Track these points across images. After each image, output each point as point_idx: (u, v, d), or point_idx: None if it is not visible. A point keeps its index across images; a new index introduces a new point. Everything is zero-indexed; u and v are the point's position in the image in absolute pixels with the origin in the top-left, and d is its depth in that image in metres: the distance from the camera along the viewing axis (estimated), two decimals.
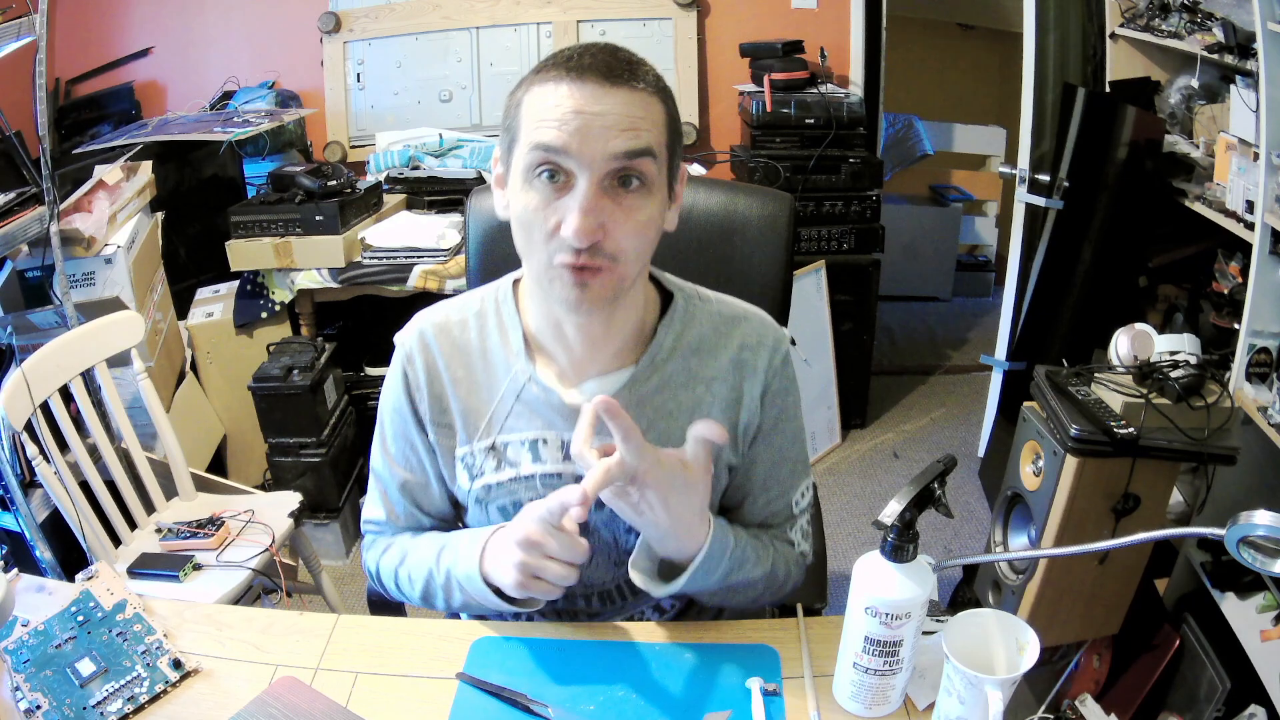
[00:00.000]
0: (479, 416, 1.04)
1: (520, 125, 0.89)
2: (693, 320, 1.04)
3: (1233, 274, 2.09)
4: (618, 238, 0.88)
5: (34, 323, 2.16)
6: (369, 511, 1.14)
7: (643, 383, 1.01)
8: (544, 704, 0.91)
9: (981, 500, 2.79)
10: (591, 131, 0.85)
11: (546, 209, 0.88)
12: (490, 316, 1.05)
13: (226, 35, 3.21)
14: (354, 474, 2.66)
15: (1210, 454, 1.52)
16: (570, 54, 0.88)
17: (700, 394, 1.02)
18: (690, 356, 1.03)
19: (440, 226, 2.64)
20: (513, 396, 1.02)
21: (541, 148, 0.86)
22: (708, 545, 0.94)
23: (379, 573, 1.12)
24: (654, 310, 1.04)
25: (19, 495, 1.77)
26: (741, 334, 1.04)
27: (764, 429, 1.05)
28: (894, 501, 0.84)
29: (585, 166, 0.86)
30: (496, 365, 1.03)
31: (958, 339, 4.06)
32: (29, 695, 0.92)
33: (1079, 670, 1.82)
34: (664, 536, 0.95)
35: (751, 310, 1.08)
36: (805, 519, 1.12)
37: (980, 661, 0.81)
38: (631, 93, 0.86)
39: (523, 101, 0.89)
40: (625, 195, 0.88)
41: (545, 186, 0.87)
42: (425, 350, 1.05)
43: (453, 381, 1.04)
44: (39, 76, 2.08)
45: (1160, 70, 2.50)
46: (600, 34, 3.20)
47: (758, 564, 1.02)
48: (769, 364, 1.04)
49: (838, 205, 2.92)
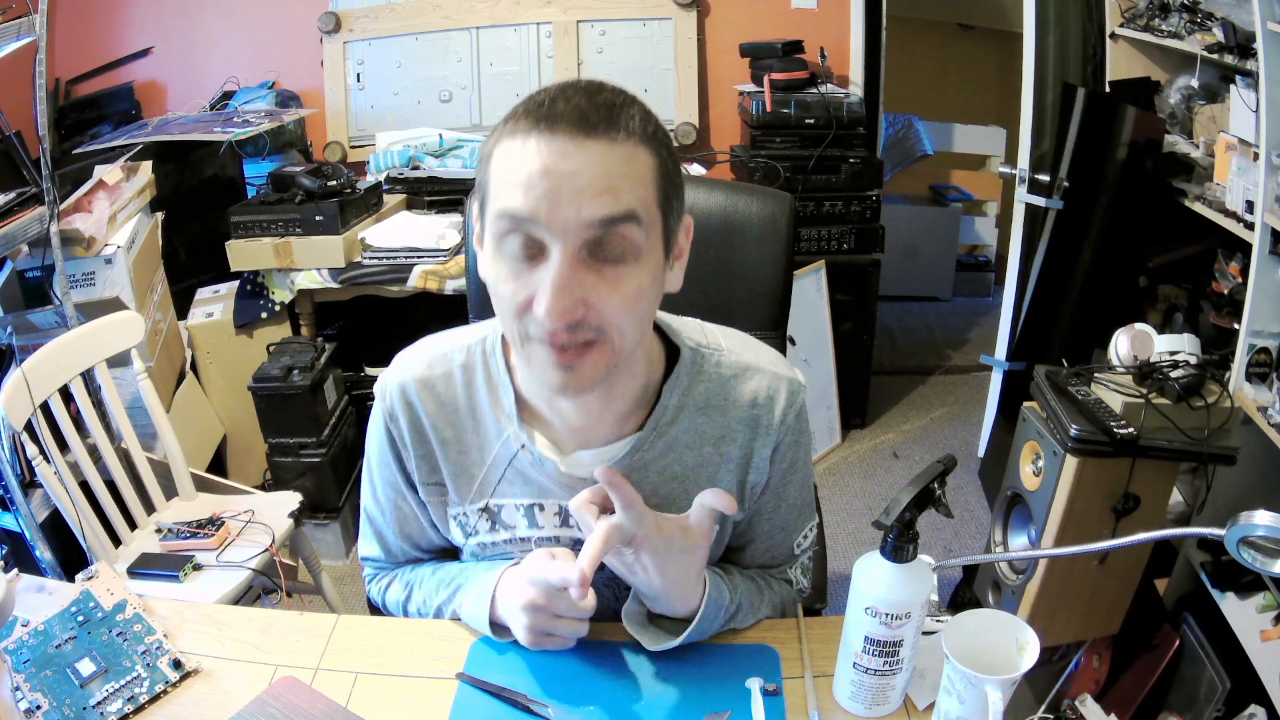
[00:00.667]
0: (470, 479, 0.98)
1: (489, 185, 0.78)
2: (700, 375, 0.95)
3: (1233, 274, 2.09)
4: (604, 312, 0.77)
5: (34, 323, 2.16)
6: (365, 549, 1.11)
7: (646, 450, 0.94)
8: (544, 704, 0.91)
9: (981, 500, 2.79)
10: (562, 196, 0.73)
11: (516, 282, 0.77)
12: (478, 371, 0.96)
13: (226, 35, 3.21)
14: (354, 474, 2.66)
15: (1210, 454, 1.52)
16: (543, 99, 0.76)
17: (708, 454, 0.96)
18: (697, 415, 0.95)
19: (440, 226, 2.64)
20: (505, 462, 0.96)
21: (507, 216, 0.75)
22: (702, 609, 0.92)
23: (385, 605, 1.12)
24: (659, 367, 0.95)
25: (19, 495, 1.77)
26: (753, 389, 0.96)
27: (772, 483, 1.00)
28: (894, 501, 0.83)
29: (557, 236, 0.74)
30: (487, 427, 0.96)
31: (958, 339, 4.06)
32: (29, 695, 0.92)
33: (1079, 670, 1.82)
34: (657, 596, 0.93)
35: (764, 357, 0.99)
36: (807, 557, 1.09)
37: (980, 661, 0.81)
38: (610, 146, 0.74)
39: (492, 156, 0.78)
40: (608, 266, 0.77)
41: (516, 258, 0.76)
42: (409, 410, 0.96)
43: (441, 443, 0.97)
44: (39, 76, 2.08)
45: (1160, 70, 2.50)
46: (600, 34, 3.20)
47: (753, 612, 1.01)
48: (782, 420, 0.96)
49: (838, 205, 2.93)
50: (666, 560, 0.88)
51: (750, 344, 1.01)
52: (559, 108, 0.74)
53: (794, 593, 1.09)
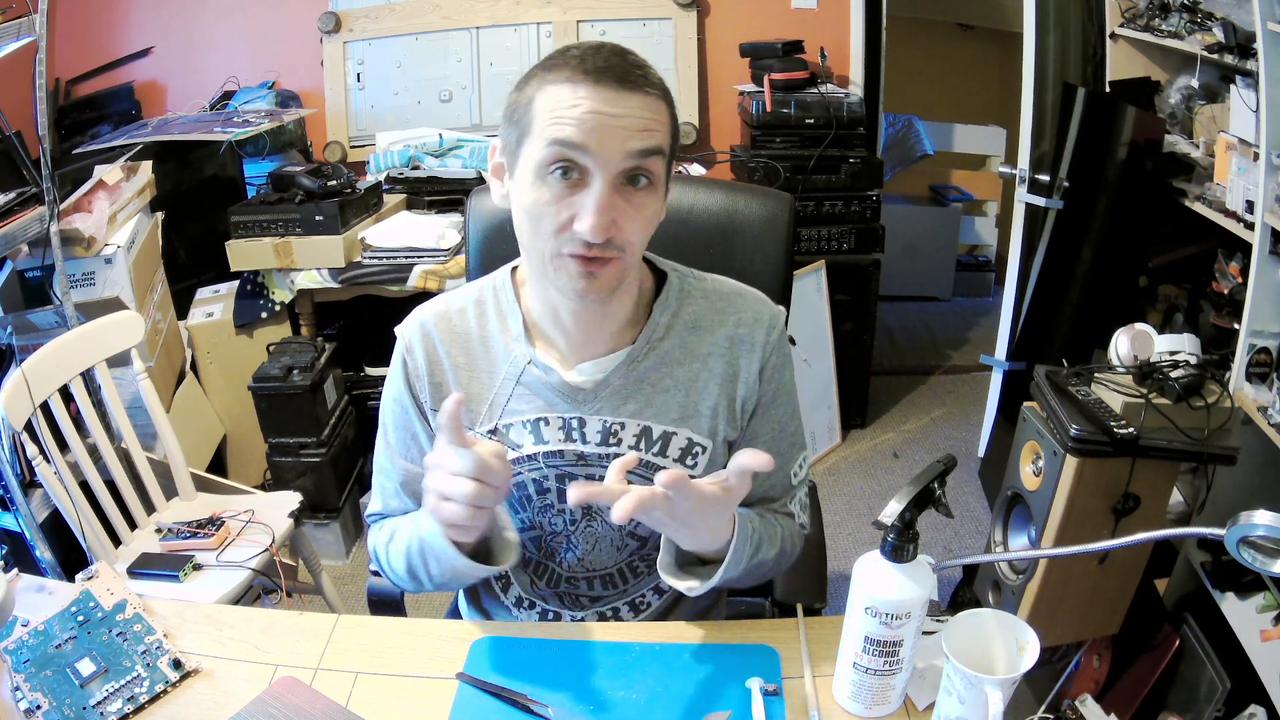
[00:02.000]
0: (480, 402, 1.05)
1: (533, 120, 0.90)
2: (688, 298, 1.07)
3: (1233, 274, 2.09)
4: (627, 232, 0.91)
5: (34, 323, 2.16)
6: (372, 505, 1.15)
7: (640, 361, 1.04)
8: (544, 704, 0.91)
9: (981, 500, 2.79)
10: (610, 132, 0.87)
11: (559, 203, 0.90)
12: (489, 304, 1.07)
13: (226, 35, 3.21)
14: (354, 474, 2.66)
15: (1210, 454, 1.52)
16: (583, 54, 0.89)
17: (697, 370, 1.05)
18: (686, 333, 1.05)
19: (440, 226, 2.64)
20: (513, 380, 1.04)
21: (560, 143, 0.88)
22: (735, 540, 0.96)
23: (376, 554, 1.13)
24: (649, 291, 1.07)
25: (19, 495, 1.77)
26: (737, 311, 1.07)
27: (762, 404, 1.07)
28: (894, 501, 0.83)
29: (602, 166, 0.88)
30: (496, 351, 1.05)
31: (958, 339, 4.06)
32: (29, 695, 0.92)
33: (1079, 670, 1.82)
34: (686, 541, 0.96)
35: (746, 288, 1.10)
36: (803, 491, 1.14)
37: (980, 661, 0.81)
38: (645, 96, 0.90)
39: (535, 98, 0.90)
40: (635, 193, 0.91)
41: (559, 182, 0.89)
42: (425, 339, 1.06)
43: (453, 368, 1.06)
44: (39, 76, 2.08)
45: (1160, 70, 2.49)
46: (600, 34, 3.20)
47: (772, 544, 1.04)
48: (766, 340, 1.06)
49: (838, 205, 2.93)
50: (705, 517, 0.92)
51: (734, 281, 1.11)
52: (601, 63, 0.89)
53: (796, 526, 1.11)
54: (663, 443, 1.04)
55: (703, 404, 1.05)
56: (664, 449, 1.04)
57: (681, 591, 0.98)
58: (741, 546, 0.97)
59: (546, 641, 1.01)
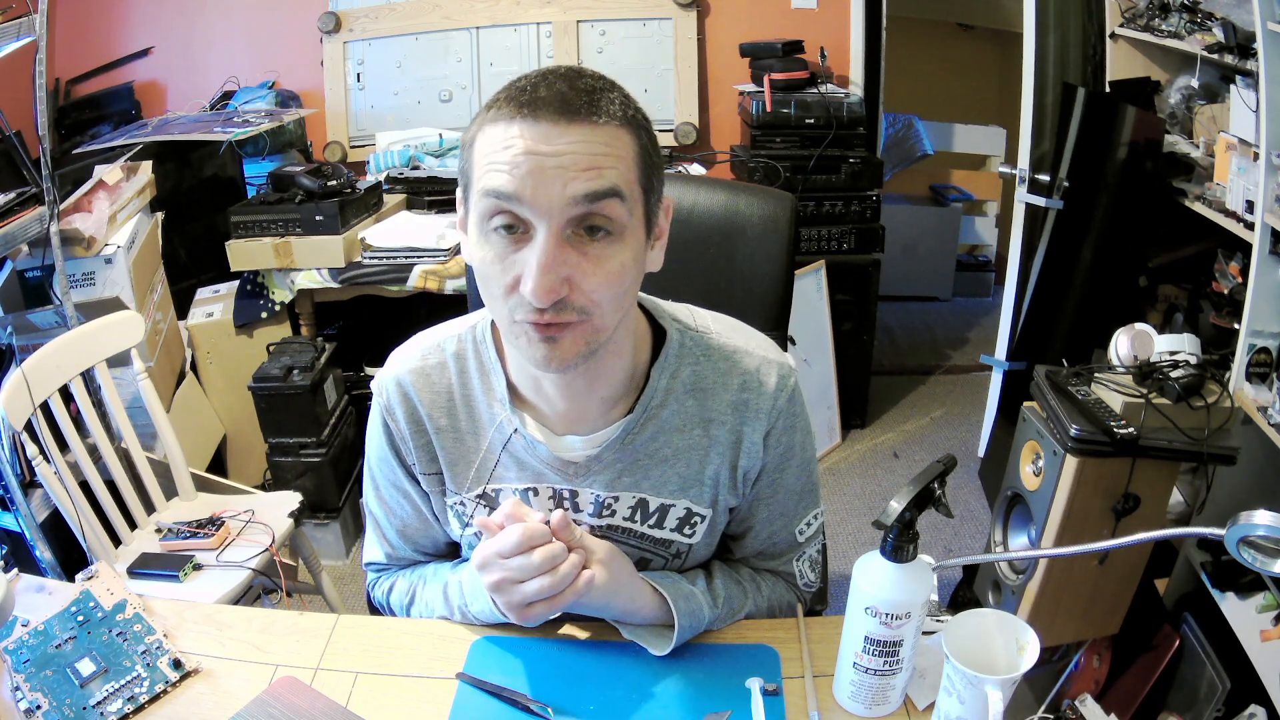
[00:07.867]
0: (467, 466, 0.99)
1: (472, 169, 0.80)
2: (688, 357, 0.96)
3: (1233, 274, 2.09)
4: (587, 290, 0.79)
5: (34, 323, 2.16)
6: (369, 554, 1.13)
7: (636, 434, 0.95)
8: (544, 704, 0.91)
9: (981, 500, 2.79)
10: (546, 174, 0.75)
11: (503, 263, 0.79)
12: (470, 359, 0.98)
13: (226, 35, 3.21)
14: (354, 474, 2.65)
15: (1210, 454, 1.52)
16: (524, 85, 0.78)
17: (698, 438, 0.97)
18: (686, 398, 0.96)
19: (440, 226, 2.64)
20: (499, 448, 0.97)
21: (492, 194, 0.77)
22: (673, 604, 0.95)
23: (389, 607, 1.12)
24: (645, 350, 0.96)
25: (19, 495, 1.77)
26: (742, 372, 0.97)
27: (767, 469, 1.00)
28: (894, 501, 0.83)
29: (542, 215, 0.76)
30: (480, 414, 0.97)
31: (958, 339, 4.06)
32: (29, 695, 0.92)
33: (1079, 670, 1.82)
34: (615, 612, 0.97)
35: (752, 340, 1.00)
36: (814, 549, 1.09)
37: (980, 661, 0.81)
38: (592, 129, 0.76)
39: (475, 142, 0.80)
40: (592, 244, 0.78)
41: (501, 238, 0.78)
42: (405, 401, 0.98)
43: (436, 431, 0.99)
44: (39, 76, 2.07)
45: (1160, 70, 2.49)
46: (600, 34, 3.20)
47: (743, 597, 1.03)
48: (772, 406, 0.97)
49: (838, 205, 2.93)
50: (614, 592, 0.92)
51: (740, 328, 1.01)
52: (541, 94, 0.76)
53: (794, 591, 1.09)
54: (659, 515, 0.99)
55: (705, 473, 0.98)
56: (660, 521, 0.99)
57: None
58: (687, 605, 0.96)
59: (546, 641, 1.01)
